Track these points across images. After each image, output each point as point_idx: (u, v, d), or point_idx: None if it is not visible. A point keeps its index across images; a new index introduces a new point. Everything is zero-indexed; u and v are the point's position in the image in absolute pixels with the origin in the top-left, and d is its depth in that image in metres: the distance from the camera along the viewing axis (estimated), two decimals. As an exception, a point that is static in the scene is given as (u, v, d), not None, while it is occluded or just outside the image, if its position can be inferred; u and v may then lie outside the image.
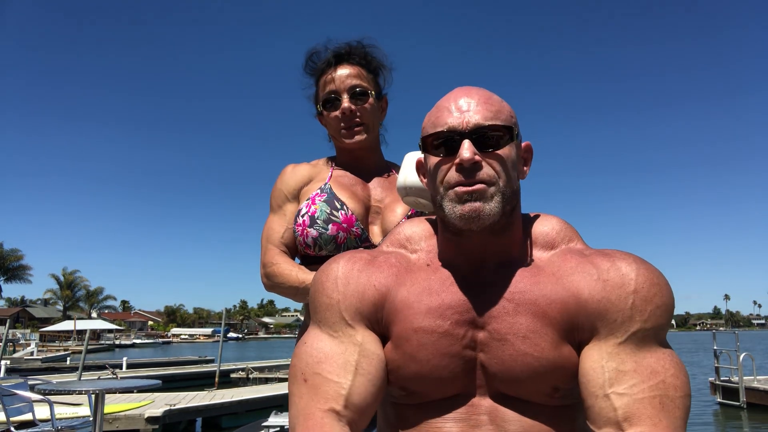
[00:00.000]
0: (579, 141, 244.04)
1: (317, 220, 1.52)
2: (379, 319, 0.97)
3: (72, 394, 8.70)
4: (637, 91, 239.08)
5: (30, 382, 6.63)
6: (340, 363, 0.91)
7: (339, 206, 1.54)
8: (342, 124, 1.61)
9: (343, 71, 1.62)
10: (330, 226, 1.52)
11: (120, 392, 9.67)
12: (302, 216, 1.55)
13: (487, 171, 0.92)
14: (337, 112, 1.60)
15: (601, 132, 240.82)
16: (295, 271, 1.50)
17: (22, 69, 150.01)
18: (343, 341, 0.94)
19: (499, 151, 0.93)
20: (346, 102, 1.60)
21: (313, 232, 1.52)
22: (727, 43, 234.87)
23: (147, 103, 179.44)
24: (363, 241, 1.54)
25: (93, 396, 5.17)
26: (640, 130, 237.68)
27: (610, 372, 0.85)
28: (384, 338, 0.97)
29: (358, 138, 1.62)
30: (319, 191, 1.58)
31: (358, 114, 1.61)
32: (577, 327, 0.91)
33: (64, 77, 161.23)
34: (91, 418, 5.26)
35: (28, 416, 6.08)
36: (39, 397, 5.84)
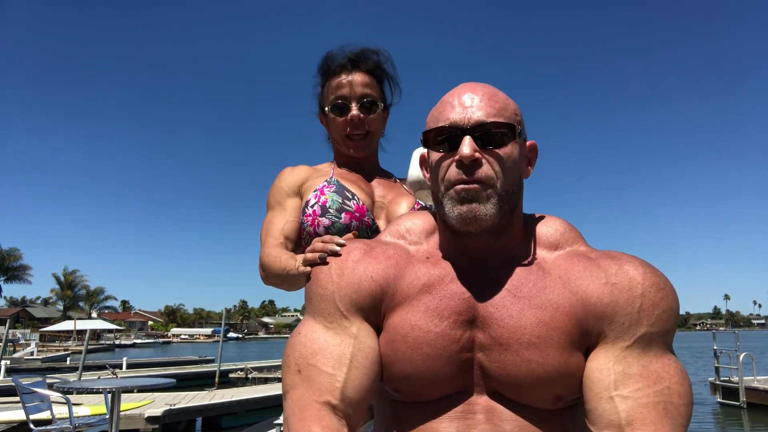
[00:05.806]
0: (579, 141, 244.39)
1: (329, 209, 1.50)
2: (377, 312, 0.96)
3: (92, 392, 8.75)
4: (636, 91, 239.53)
5: (48, 381, 6.70)
6: (335, 355, 0.90)
7: (350, 196, 1.53)
8: (348, 130, 1.61)
9: (355, 78, 1.62)
10: (343, 215, 1.50)
11: (136, 390, 9.73)
12: (311, 207, 1.53)
13: (486, 170, 0.91)
14: (345, 117, 1.60)
15: (601, 132, 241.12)
16: (279, 258, 1.45)
17: (22, 67, 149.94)
18: (338, 333, 0.93)
19: (500, 150, 0.92)
20: (355, 110, 1.60)
21: (325, 221, 1.49)
22: (726, 41, 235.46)
23: (148, 104, 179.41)
24: (374, 232, 1.53)
25: (109, 395, 5.24)
26: (639, 129, 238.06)
27: (616, 375, 0.85)
28: (380, 330, 0.96)
29: (359, 153, 1.63)
30: (326, 183, 1.57)
31: (366, 123, 1.61)
32: (586, 332, 0.90)
33: (65, 75, 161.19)
34: (107, 416, 5.33)
35: (46, 414, 6.12)
36: (57, 395, 5.87)
